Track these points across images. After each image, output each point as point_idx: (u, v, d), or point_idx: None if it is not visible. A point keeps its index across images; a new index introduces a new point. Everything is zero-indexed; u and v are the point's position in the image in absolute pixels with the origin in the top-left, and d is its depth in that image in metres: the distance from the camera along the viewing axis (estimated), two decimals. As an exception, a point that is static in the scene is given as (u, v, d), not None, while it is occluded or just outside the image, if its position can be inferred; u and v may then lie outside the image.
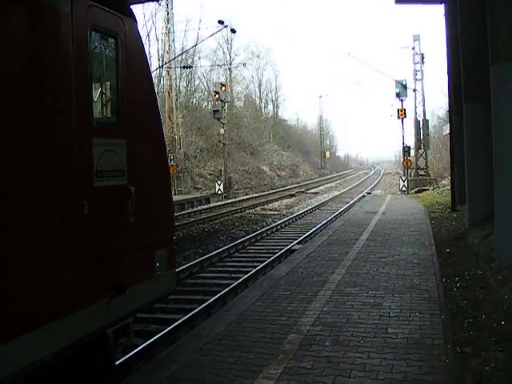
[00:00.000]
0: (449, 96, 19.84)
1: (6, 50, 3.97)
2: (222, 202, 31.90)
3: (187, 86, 54.04)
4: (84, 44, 4.80)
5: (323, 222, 20.52)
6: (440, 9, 20.35)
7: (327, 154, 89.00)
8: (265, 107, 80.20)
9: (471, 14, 13.31)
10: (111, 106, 5.41)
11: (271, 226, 20.23)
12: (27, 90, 4.19)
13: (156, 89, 32.92)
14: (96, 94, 5.18)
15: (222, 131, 39.20)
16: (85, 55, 4.80)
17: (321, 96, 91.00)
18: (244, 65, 56.40)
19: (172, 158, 33.87)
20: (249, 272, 11.86)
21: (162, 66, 39.51)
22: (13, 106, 4.02)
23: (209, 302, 9.43)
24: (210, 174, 42.06)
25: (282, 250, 14.69)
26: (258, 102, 76.97)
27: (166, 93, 38.78)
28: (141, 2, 26.11)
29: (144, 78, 5.90)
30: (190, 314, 8.75)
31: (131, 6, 5.65)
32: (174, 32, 39.74)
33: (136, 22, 5.73)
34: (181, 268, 11.91)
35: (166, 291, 6.17)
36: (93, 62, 4.97)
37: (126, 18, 5.44)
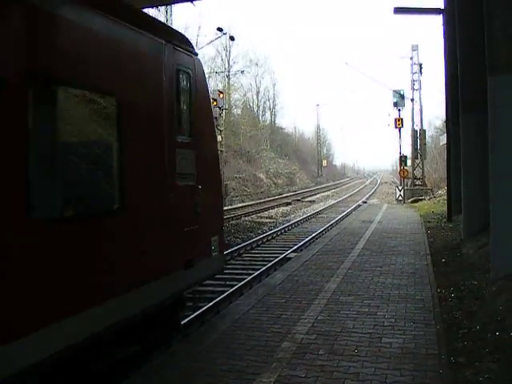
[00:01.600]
0: (446, 106, 19.88)
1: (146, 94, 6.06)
2: (218, 209, 31.75)
3: (185, 92, 53.95)
4: (171, 80, 6.56)
5: (319, 231, 20.52)
6: (439, 19, 20.41)
7: (324, 162, 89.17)
8: (262, 115, 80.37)
9: (469, 25, 13.35)
10: (185, 126, 7.01)
11: (267, 233, 20.20)
12: (154, 118, 6.23)
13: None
14: (177, 117, 6.81)
15: (219, 138, 39.19)
16: (172, 89, 6.57)
17: (318, 105, 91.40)
18: (242, 72, 56.63)
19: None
20: (244, 279, 11.84)
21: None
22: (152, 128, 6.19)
23: (203, 309, 9.40)
24: (206, 181, 41.94)
25: (277, 257, 14.67)
26: (255, 110, 77.08)
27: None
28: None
29: (206, 102, 7.76)
30: (185, 320, 8.71)
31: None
32: (172, 39, 39.76)
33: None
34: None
35: (218, 269, 8.19)
36: (176, 93, 6.70)
37: (194, 57, 7.35)
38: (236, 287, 11.05)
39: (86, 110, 5.26)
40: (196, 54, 7.46)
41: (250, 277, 12.11)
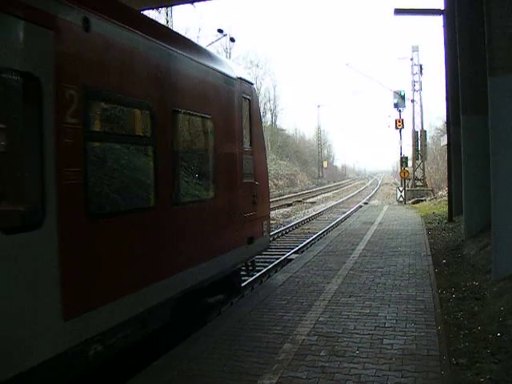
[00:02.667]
0: (447, 107, 19.88)
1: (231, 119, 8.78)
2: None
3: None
4: (239, 106, 9.12)
5: (320, 232, 20.51)
6: (439, 20, 20.41)
7: (325, 163, 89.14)
8: (263, 116, 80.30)
9: (469, 26, 13.38)
10: (247, 137, 9.53)
11: (268, 235, 20.13)
12: (231, 133, 8.76)
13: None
14: (243, 131, 9.29)
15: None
16: (240, 111, 9.13)
17: (319, 106, 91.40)
18: (243, 74, 56.31)
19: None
20: (245, 281, 11.83)
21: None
22: (232, 141, 8.81)
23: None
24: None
25: (278, 259, 14.67)
26: (256, 111, 76.89)
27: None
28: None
29: (258, 119, 10.38)
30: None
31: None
32: (173, 40, 39.71)
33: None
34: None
35: (266, 246, 10.84)
36: (242, 115, 9.22)
37: (251, 86, 10.02)
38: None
39: (196, 127, 7.96)
40: (252, 84, 10.16)
41: (252, 278, 12.11)
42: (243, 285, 10.89)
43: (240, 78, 9.23)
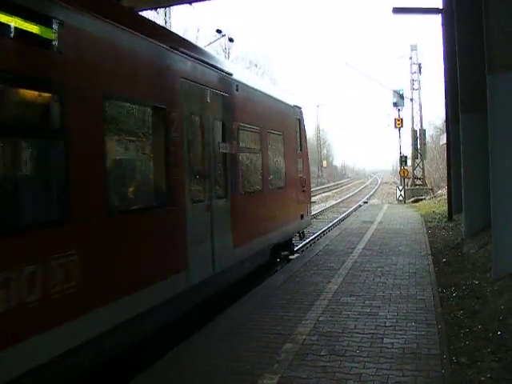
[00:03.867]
0: (446, 106, 19.88)
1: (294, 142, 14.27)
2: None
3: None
4: (295, 124, 14.12)
5: (320, 232, 20.50)
6: (438, 18, 20.41)
7: (324, 163, 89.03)
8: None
9: (468, 24, 13.38)
10: (298, 145, 14.32)
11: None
12: (292, 143, 13.80)
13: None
14: (297, 141, 14.30)
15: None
16: (295, 128, 14.17)
17: (318, 105, 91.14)
18: (242, 74, 56.24)
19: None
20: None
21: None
22: (294, 154, 14.07)
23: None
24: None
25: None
26: (255, 111, 76.74)
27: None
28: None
29: (304, 133, 15.12)
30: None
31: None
32: (171, 41, 39.58)
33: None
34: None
35: (309, 223, 16.08)
36: (296, 130, 14.12)
37: (300, 109, 14.76)
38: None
39: (276, 141, 12.34)
40: (301, 108, 14.84)
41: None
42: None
43: (295, 105, 14.19)
